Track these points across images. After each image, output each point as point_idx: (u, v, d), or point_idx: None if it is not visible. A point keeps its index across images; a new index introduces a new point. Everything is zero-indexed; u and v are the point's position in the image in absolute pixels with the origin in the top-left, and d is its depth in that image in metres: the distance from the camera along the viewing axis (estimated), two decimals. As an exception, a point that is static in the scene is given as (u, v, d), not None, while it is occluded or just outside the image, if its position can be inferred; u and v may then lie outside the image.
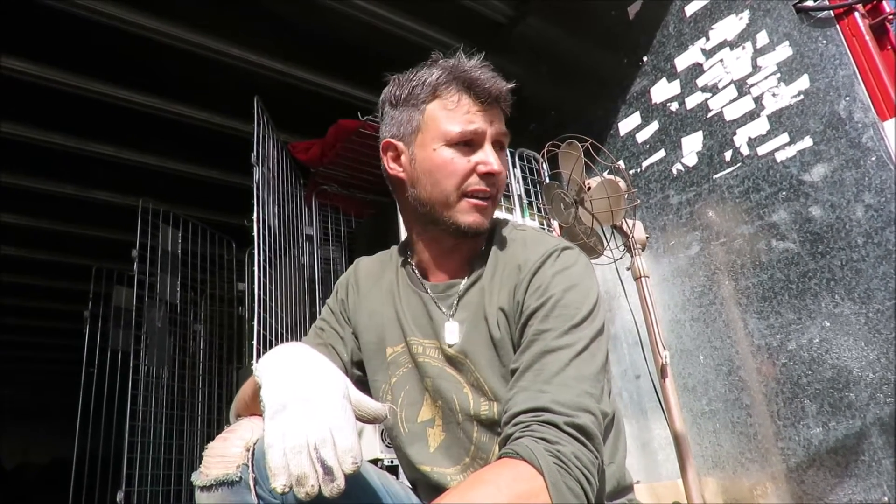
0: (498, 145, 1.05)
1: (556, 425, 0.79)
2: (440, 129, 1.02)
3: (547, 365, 0.87)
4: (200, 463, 0.88)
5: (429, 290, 1.10)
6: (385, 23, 2.78)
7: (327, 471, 0.68)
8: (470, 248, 1.10)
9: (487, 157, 1.01)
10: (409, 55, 1.17)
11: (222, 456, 0.85)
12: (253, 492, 0.69)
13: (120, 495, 2.81)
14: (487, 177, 1.01)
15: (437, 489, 1.00)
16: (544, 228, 2.56)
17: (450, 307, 1.07)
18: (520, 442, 0.79)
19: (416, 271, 1.14)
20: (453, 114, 1.02)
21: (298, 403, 0.72)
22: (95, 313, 3.71)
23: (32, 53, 2.66)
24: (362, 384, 1.15)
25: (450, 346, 1.04)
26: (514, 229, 1.10)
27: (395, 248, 1.23)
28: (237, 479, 0.83)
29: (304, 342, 1.19)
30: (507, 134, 1.06)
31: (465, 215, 1.02)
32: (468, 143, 1.02)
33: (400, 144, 1.07)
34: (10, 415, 6.97)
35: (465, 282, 1.07)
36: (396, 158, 1.08)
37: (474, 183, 1.01)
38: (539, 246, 1.01)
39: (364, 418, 0.79)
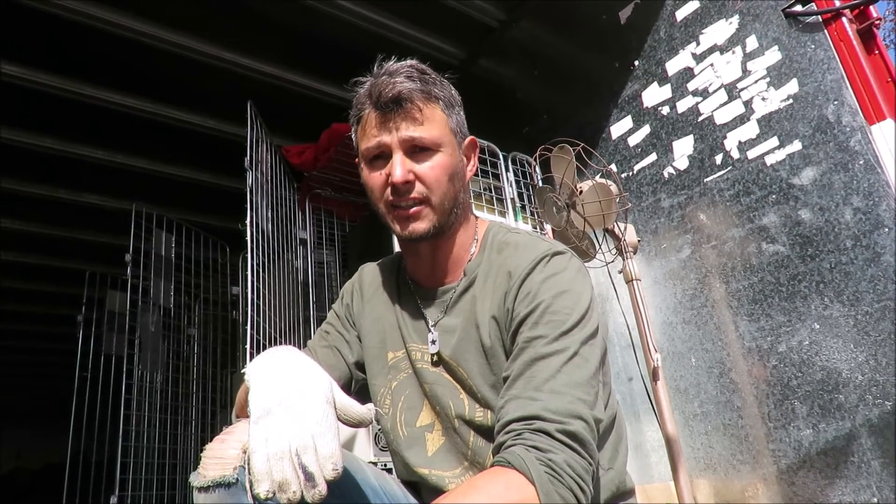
0: (413, 149, 1.00)
1: (547, 433, 0.79)
2: (359, 148, 1.05)
3: (537, 372, 0.86)
4: (197, 465, 0.88)
5: (421, 297, 1.11)
6: (378, 27, 2.80)
7: (308, 477, 0.68)
8: (455, 253, 1.09)
9: (391, 168, 0.99)
10: (403, 59, 1.18)
11: (219, 457, 0.85)
12: (249, 494, 0.70)
13: (113, 500, 2.80)
14: (394, 187, 0.99)
15: (436, 492, 1.01)
16: (536, 231, 2.57)
17: (440, 313, 1.08)
18: (511, 450, 0.79)
19: (411, 278, 1.15)
20: (364, 130, 1.03)
21: (282, 409, 0.73)
22: (89, 318, 3.70)
23: (24, 57, 2.66)
24: (366, 387, 1.16)
25: (433, 354, 1.05)
26: (507, 232, 1.10)
27: (397, 254, 1.24)
28: (234, 480, 0.82)
29: (309, 344, 1.22)
30: (420, 138, 0.99)
31: (395, 225, 1.03)
32: (380, 157, 1.01)
33: (358, 161, 1.10)
34: (2, 419, 6.93)
35: (457, 287, 1.07)
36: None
37: (389, 195, 1.01)
38: (529, 251, 1.00)
39: (349, 422, 0.80)
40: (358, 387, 1.19)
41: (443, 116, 1.03)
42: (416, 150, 1.00)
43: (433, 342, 1.06)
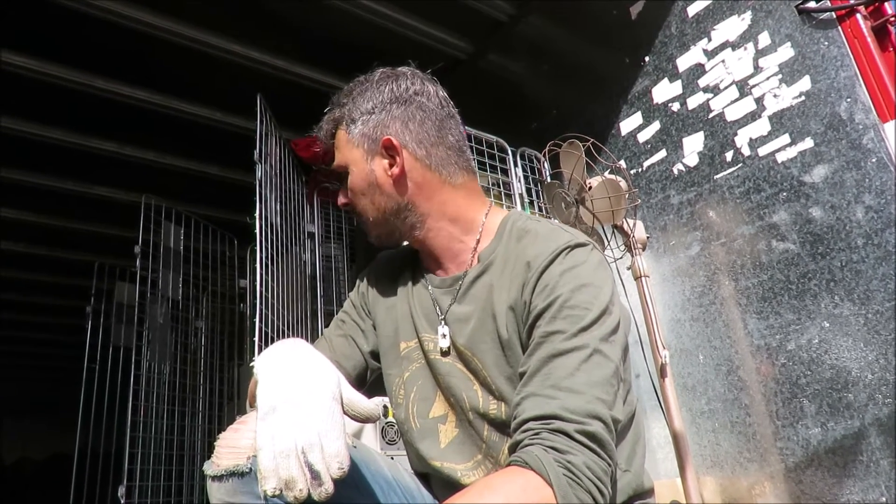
0: (346, 176, 1.11)
1: (566, 433, 0.77)
2: None
3: (555, 369, 0.84)
4: (204, 456, 0.89)
5: (433, 285, 1.10)
6: (387, 21, 2.79)
7: (315, 475, 0.68)
8: (446, 246, 1.09)
9: None
10: (411, 53, 1.18)
11: (233, 447, 0.86)
12: (260, 486, 0.70)
13: (121, 490, 2.82)
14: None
15: (448, 484, 1.01)
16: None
17: (451, 301, 1.06)
18: (529, 450, 0.77)
19: (424, 266, 1.14)
20: None
21: (288, 406, 0.73)
22: (97, 309, 3.71)
23: (33, 49, 2.66)
24: (382, 376, 1.17)
25: (443, 345, 1.05)
26: (528, 220, 1.07)
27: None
28: (247, 470, 0.83)
29: (325, 333, 1.22)
30: (338, 165, 1.11)
31: None
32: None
33: None
34: (9, 410, 6.98)
35: (470, 273, 1.05)
36: None
37: None
38: (549, 242, 0.97)
39: (357, 418, 0.79)
40: (374, 376, 1.18)
41: (344, 136, 1.10)
42: (346, 177, 1.11)
43: (444, 336, 1.05)
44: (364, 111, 1.08)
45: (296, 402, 0.73)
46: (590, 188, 1.86)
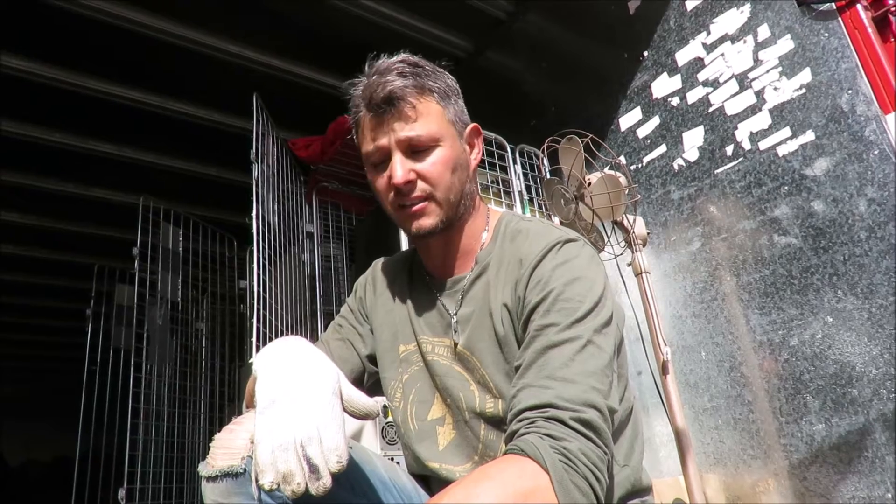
0: (412, 148, 0.99)
1: (561, 421, 0.78)
2: (361, 153, 1.05)
3: (550, 360, 0.85)
4: (204, 458, 0.88)
5: (437, 288, 1.11)
6: (385, 19, 2.78)
7: (313, 469, 0.68)
8: (466, 243, 1.08)
9: (391, 170, 0.98)
10: (410, 52, 1.17)
11: (228, 448, 0.86)
12: (255, 484, 0.69)
13: (121, 493, 2.81)
14: (396, 189, 0.99)
15: (446, 486, 1.00)
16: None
17: (456, 303, 1.07)
18: (525, 438, 0.78)
19: (426, 270, 1.15)
20: (363, 135, 1.03)
21: (287, 400, 0.72)
22: (97, 311, 3.71)
23: (30, 51, 2.66)
24: (380, 380, 1.17)
25: (456, 343, 1.04)
26: (520, 220, 1.09)
27: (412, 249, 1.24)
28: (242, 470, 0.83)
29: (323, 337, 1.22)
30: (417, 136, 0.98)
31: (405, 223, 1.03)
32: (382, 160, 1.01)
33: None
34: (12, 412, 6.99)
35: (469, 276, 1.06)
36: None
37: (393, 196, 1.01)
38: (541, 239, 0.99)
39: (356, 414, 0.79)
40: (372, 381, 1.18)
41: (438, 109, 1.02)
42: (415, 148, 0.99)
43: (456, 340, 1.05)
44: (451, 92, 1.06)
45: (295, 396, 0.73)
46: (589, 184, 1.85)
